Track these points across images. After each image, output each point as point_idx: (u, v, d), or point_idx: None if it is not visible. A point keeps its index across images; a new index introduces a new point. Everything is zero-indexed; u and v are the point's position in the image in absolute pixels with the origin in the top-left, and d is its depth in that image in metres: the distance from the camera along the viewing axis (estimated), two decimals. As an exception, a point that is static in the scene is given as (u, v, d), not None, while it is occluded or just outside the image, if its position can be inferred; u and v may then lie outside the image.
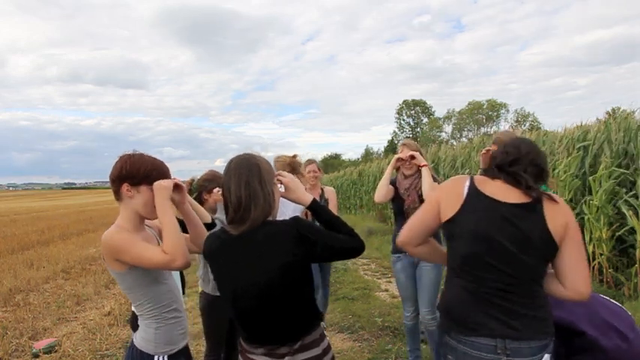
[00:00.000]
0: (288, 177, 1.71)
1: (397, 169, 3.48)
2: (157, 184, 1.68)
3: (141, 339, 1.75)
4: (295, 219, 1.60)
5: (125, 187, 1.69)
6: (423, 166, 3.29)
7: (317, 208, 1.71)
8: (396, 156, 3.46)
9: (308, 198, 1.72)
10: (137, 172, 1.69)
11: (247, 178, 1.58)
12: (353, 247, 1.62)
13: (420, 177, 3.31)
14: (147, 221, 1.83)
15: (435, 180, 3.32)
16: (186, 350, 1.85)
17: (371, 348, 4.09)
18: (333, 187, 23.02)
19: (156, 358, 1.73)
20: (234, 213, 1.58)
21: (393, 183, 3.49)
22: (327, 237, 1.59)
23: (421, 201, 3.26)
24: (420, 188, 3.28)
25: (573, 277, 1.57)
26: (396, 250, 3.39)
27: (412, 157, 3.35)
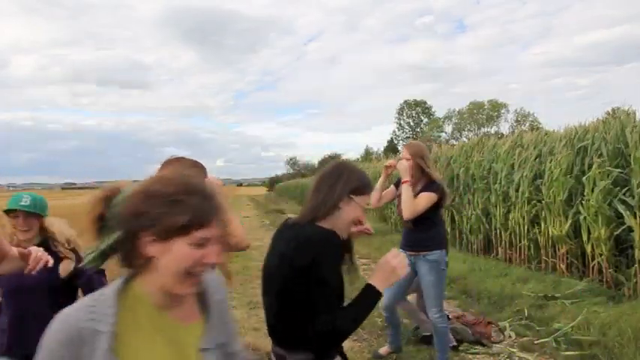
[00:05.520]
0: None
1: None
2: (206, 181, 2.00)
3: None
4: (326, 246, 1.45)
5: None
6: (404, 182, 3.19)
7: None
8: (385, 163, 3.45)
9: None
10: None
11: (323, 177, 1.62)
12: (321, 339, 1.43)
13: (421, 182, 3.24)
14: None
15: (430, 188, 3.19)
16: None
17: (371, 348, 4.09)
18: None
19: None
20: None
21: (398, 184, 3.44)
22: (321, 301, 1.41)
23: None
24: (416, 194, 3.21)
25: None
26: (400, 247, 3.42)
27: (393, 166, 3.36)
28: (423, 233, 3.27)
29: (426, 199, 3.16)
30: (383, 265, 1.48)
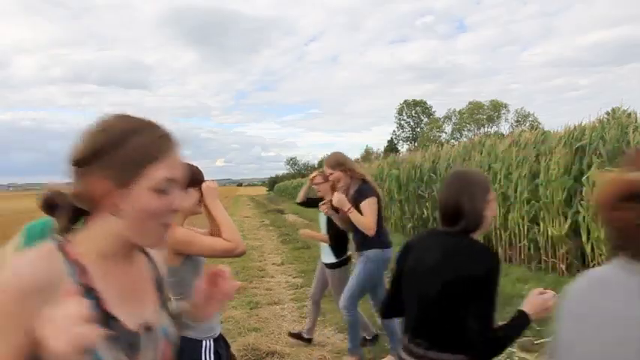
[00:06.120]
0: None
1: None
2: (205, 185, 1.94)
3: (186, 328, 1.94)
4: (498, 262, 1.57)
5: None
6: (348, 211, 3.29)
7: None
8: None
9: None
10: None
11: (462, 187, 1.61)
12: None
13: (354, 184, 3.42)
14: None
15: (365, 193, 3.33)
16: (221, 335, 2.08)
17: (371, 348, 4.10)
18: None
19: (204, 342, 1.93)
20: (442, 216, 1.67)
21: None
22: (487, 315, 1.53)
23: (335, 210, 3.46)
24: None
25: None
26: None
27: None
28: (360, 234, 3.37)
29: (369, 206, 3.28)
30: (539, 301, 1.60)
